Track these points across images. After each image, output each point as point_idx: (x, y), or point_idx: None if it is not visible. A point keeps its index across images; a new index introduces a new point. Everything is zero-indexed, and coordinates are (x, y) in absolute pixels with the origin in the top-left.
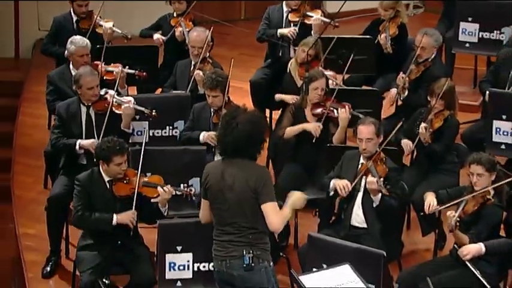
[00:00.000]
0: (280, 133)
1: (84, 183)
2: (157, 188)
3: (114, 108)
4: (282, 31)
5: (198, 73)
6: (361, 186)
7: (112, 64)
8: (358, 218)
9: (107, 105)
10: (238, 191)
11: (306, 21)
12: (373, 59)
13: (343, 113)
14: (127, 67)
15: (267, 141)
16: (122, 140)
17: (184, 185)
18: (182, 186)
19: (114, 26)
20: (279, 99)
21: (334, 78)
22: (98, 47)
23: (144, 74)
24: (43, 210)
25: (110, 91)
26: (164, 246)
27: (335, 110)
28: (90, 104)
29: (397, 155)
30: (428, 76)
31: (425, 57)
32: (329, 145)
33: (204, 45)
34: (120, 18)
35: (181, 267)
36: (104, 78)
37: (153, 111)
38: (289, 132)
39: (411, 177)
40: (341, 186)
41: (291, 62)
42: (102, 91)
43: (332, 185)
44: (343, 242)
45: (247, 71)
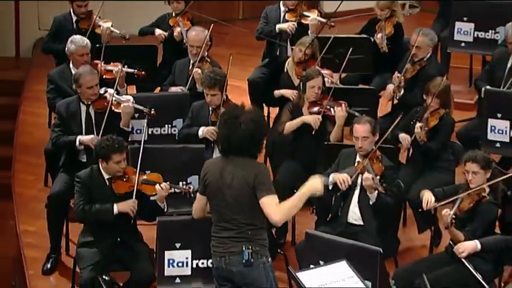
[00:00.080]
0: (279, 129)
1: (84, 180)
2: (156, 186)
3: (113, 107)
4: (280, 26)
5: (197, 72)
6: (357, 184)
7: (111, 63)
8: (355, 215)
9: (106, 104)
10: (237, 189)
11: (303, 21)
12: (370, 58)
13: (340, 111)
14: (126, 66)
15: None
16: (121, 139)
17: (183, 182)
18: (181, 184)
19: (112, 26)
20: (278, 95)
21: (331, 77)
22: (97, 46)
23: (143, 73)
24: (43, 208)
25: (109, 90)
26: (163, 243)
27: (332, 109)
28: (89, 103)
29: (393, 153)
30: (423, 75)
31: (421, 56)
32: (326, 143)
33: (202, 45)
34: (119, 18)
35: (180, 264)
36: (104, 77)
37: (152, 110)
38: (289, 126)
39: (407, 175)
40: (341, 180)
41: (288, 61)
42: (102, 90)
43: (331, 178)
44: (340, 239)
45: (245, 70)
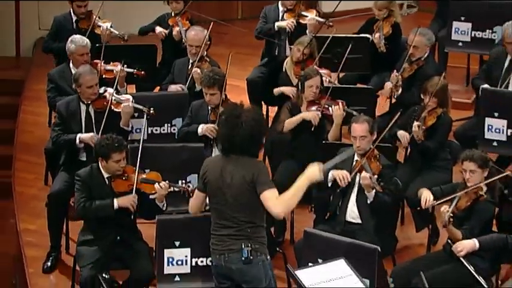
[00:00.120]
0: (279, 128)
1: (84, 179)
2: (155, 185)
3: (113, 106)
4: (279, 24)
5: (196, 71)
6: (355, 183)
7: (111, 63)
8: (353, 213)
9: (106, 103)
10: (236, 187)
11: (301, 21)
12: (368, 58)
13: (337, 110)
14: (125, 66)
15: None
16: (121, 138)
17: (182, 181)
18: (180, 183)
19: (111, 26)
20: (278, 93)
21: (329, 77)
22: (97, 45)
23: (142, 72)
24: (44, 206)
25: (109, 89)
26: (162, 241)
27: (330, 108)
28: (89, 102)
29: (391, 152)
30: (421, 74)
31: (418, 56)
32: (324, 142)
33: (201, 44)
34: (119, 18)
35: (180, 262)
36: (104, 76)
37: (151, 110)
38: (289, 124)
39: (405, 173)
40: (340, 176)
41: (286, 60)
42: (101, 89)
43: (331, 175)
44: (339, 237)
45: (244, 70)
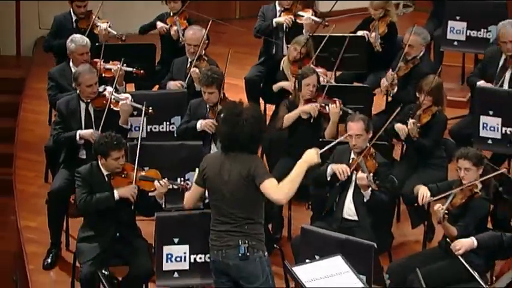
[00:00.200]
0: (278, 125)
1: (84, 175)
2: (154, 182)
3: (112, 105)
4: (277, 19)
5: (194, 70)
6: (352, 181)
7: (111, 62)
8: (350, 211)
9: (105, 102)
10: (233, 184)
11: (298, 21)
12: (364, 57)
13: (334, 108)
14: (124, 65)
15: None
16: (120, 136)
17: (181, 179)
18: (179, 180)
19: (109, 27)
20: (278, 88)
21: (325, 75)
22: (97, 44)
23: (141, 71)
24: (44, 204)
25: (108, 88)
26: (161, 238)
27: (326, 106)
28: (89, 101)
29: (387, 150)
30: (416, 73)
31: (414, 54)
32: (321, 140)
33: (200, 43)
34: (119, 18)
35: (178, 259)
36: (103, 75)
37: (150, 109)
38: (287, 119)
39: (401, 171)
40: (340, 170)
41: (283, 60)
42: (101, 88)
43: (330, 169)
44: (335, 234)
45: (242, 68)
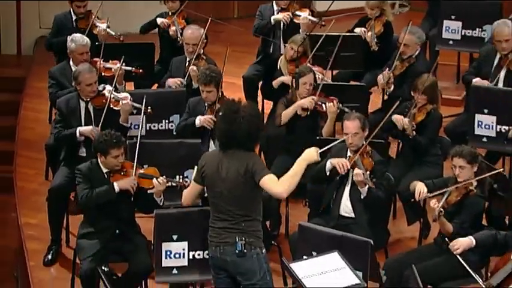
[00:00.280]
0: (277, 122)
1: (85, 172)
2: (152, 180)
3: (111, 104)
4: (276, 16)
5: (193, 69)
6: (349, 178)
7: (110, 61)
8: (347, 208)
9: (104, 101)
10: (230, 181)
11: (295, 20)
12: (361, 56)
13: (331, 106)
14: (124, 64)
15: None
16: (119, 134)
17: (180, 176)
18: (178, 178)
19: (108, 27)
20: (278, 84)
21: (322, 74)
22: (96, 44)
23: (140, 71)
24: (44, 201)
25: (107, 87)
26: (160, 235)
27: (323, 104)
28: (88, 100)
29: (383, 148)
30: (412, 72)
31: (409, 54)
32: (318, 138)
33: (198, 43)
34: (119, 18)
35: (177, 255)
36: (103, 74)
37: (149, 108)
38: (285, 116)
39: (397, 169)
40: (340, 164)
41: (280, 59)
42: (100, 87)
43: (329, 164)
44: (332, 230)
45: (240, 67)
